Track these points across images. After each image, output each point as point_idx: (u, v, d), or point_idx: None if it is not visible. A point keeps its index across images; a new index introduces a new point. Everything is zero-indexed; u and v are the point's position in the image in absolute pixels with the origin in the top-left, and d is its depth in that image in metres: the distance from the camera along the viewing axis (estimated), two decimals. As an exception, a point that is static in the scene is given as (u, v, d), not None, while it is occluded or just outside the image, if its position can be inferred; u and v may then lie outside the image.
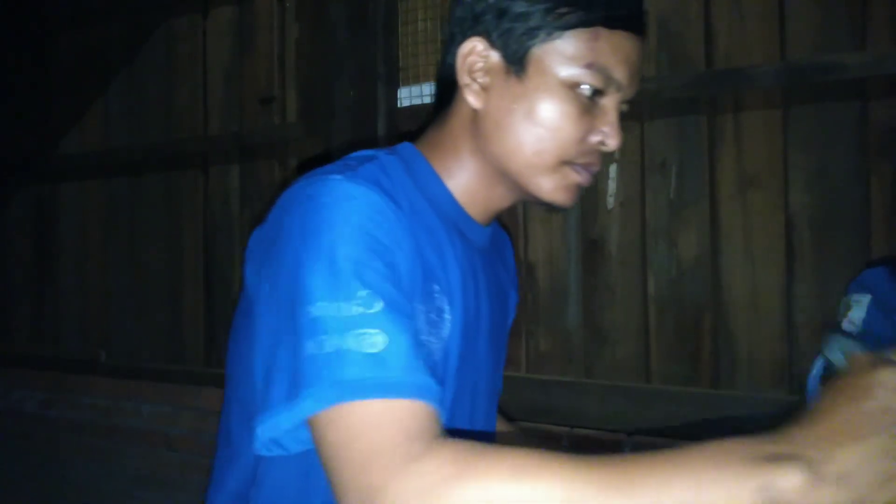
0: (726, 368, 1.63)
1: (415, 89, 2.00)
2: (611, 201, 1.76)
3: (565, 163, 0.73)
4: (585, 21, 0.69)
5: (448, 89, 0.78)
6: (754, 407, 1.55)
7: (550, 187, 0.74)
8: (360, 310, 0.59)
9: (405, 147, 0.79)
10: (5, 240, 2.92)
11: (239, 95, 2.36)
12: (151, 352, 2.52)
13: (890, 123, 1.49)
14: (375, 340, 0.58)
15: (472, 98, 0.74)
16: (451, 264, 0.74)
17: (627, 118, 1.72)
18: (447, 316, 0.72)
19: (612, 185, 1.75)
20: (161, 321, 2.50)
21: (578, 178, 0.74)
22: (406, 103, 2.00)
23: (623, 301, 1.74)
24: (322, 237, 0.62)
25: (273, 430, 0.59)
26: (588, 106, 0.71)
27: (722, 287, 1.63)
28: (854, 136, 1.52)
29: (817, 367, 1.12)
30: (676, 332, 1.68)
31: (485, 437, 0.86)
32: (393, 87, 2.01)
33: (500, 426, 1.02)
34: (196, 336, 2.43)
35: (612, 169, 1.76)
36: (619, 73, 0.71)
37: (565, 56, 0.70)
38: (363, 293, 0.60)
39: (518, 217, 1.88)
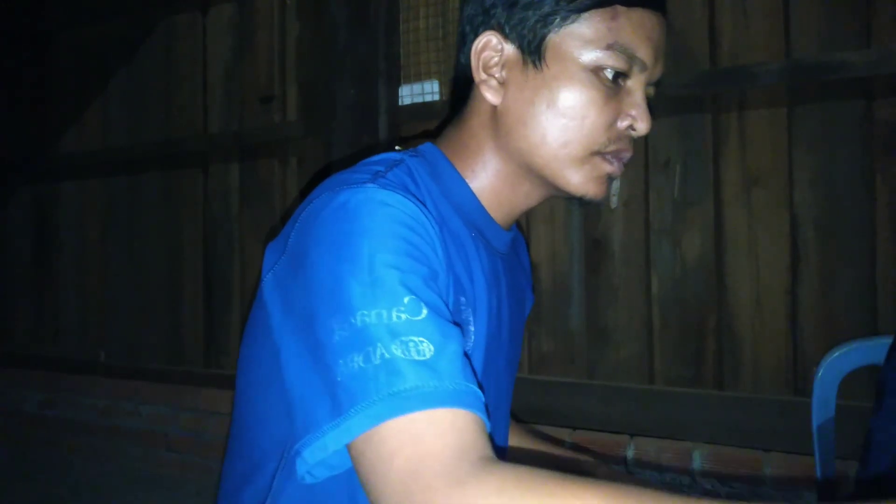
0: (730, 369, 1.62)
1: (416, 87, 1.99)
2: (614, 200, 1.75)
3: (595, 153, 0.69)
4: (601, 1, 0.66)
5: (464, 89, 0.75)
6: (758, 408, 1.54)
7: (580, 180, 0.70)
8: (406, 317, 0.56)
9: (428, 149, 0.75)
10: (5, 239, 2.92)
11: (239, 94, 2.35)
12: (151, 352, 2.51)
13: (894, 122, 1.48)
14: (422, 348, 0.55)
15: (490, 95, 0.71)
16: (476, 275, 0.71)
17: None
18: (471, 328, 0.69)
19: (615, 185, 1.73)
20: (160, 322, 2.49)
21: (610, 167, 0.70)
22: (407, 101, 1.99)
23: (626, 301, 1.73)
24: (360, 245, 0.59)
25: (321, 452, 0.56)
26: (613, 90, 0.68)
27: (726, 287, 1.62)
28: (859, 134, 1.51)
29: (823, 370, 1.11)
30: (680, 332, 1.67)
31: (503, 444, 0.84)
32: (394, 85, 2.00)
33: (522, 436, 0.99)
34: (195, 336, 2.42)
35: (615, 168, 1.75)
36: (643, 52, 0.67)
37: (584, 39, 0.66)
38: (408, 299, 0.57)
39: (521, 217, 1.86)
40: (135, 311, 2.56)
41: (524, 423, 1.04)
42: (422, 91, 1.98)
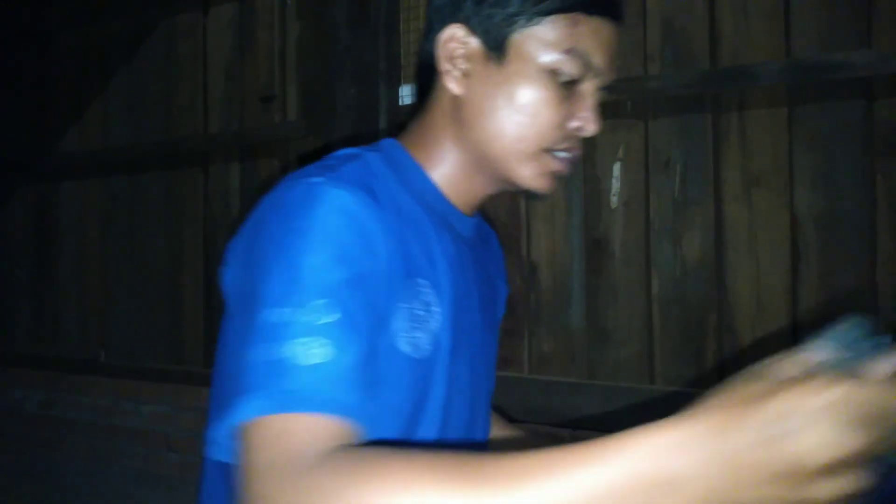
0: (731, 369, 1.61)
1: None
2: (615, 200, 1.75)
3: (545, 150, 0.74)
4: (564, 7, 0.70)
5: (428, 78, 0.78)
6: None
7: (529, 174, 0.74)
8: (312, 318, 0.59)
9: (388, 143, 0.79)
10: (5, 238, 2.92)
11: (239, 93, 2.35)
12: (151, 352, 2.51)
13: (895, 122, 1.48)
14: (319, 352, 0.58)
15: (452, 84, 0.75)
16: (438, 257, 0.75)
17: (631, 116, 1.73)
18: (436, 309, 0.72)
19: (615, 184, 1.74)
20: (161, 321, 2.49)
21: (557, 165, 0.75)
22: (407, 101, 1.99)
23: (627, 301, 1.73)
24: (291, 243, 0.62)
25: (215, 432, 0.60)
26: (567, 92, 0.72)
27: (727, 287, 1.62)
28: (860, 134, 1.51)
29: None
30: (681, 332, 1.67)
31: (484, 435, 0.85)
32: (394, 84, 2.00)
33: (502, 428, 1.01)
34: (196, 336, 2.42)
35: (616, 168, 1.74)
36: (598, 59, 0.73)
37: (545, 42, 0.71)
38: (319, 302, 0.60)
39: (521, 216, 1.86)
40: (135, 310, 2.56)
41: (515, 422, 1.05)
42: (422, 91, 1.98)
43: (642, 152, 1.72)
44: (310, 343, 0.58)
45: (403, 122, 0.82)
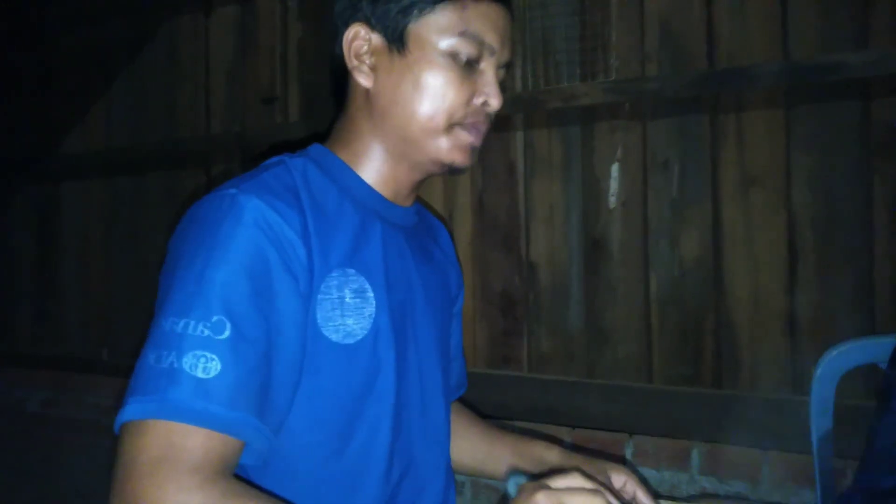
0: (728, 368, 1.63)
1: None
2: (613, 201, 1.76)
3: (455, 124, 0.79)
4: None
5: (341, 81, 0.84)
6: (756, 407, 1.55)
7: (446, 150, 0.80)
8: (207, 332, 0.64)
9: (314, 147, 0.85)
10: (8, 239, 2.93)
11: (241, 95, 2.36)
12: (153, 351, 2.51)
13: (892, 123, 1.49)
14: (209, 366, 0.63)
15: (362, 79, 0.80)
16: (369, 246, 0.79)
17: (629, 117, 1.74)
18: (370, 294, 0.77)
19: (613, 185, 1.75)
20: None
21: (469, 137, 0.80)
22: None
23: (625, 301, 1.74)
24: (198, 256, 0.67)
25: (115, 427, 0.66)
26: (468, 71, 0.78)
27: (724, 287, 1.63)
28: (856, 135, 1.52)
29: (821, 369, 1.11)
30: (678, 332, 1.68)
31: (440, 424, 0.89)
32: (395, 86, 2.00)
33: (472, 425, 1.03)
34: (198, 335, 2.42)
35: (614, 168, 1.75)
36: (490, 38, 0.78)
37: (439, 27, 0.77)
38: (215, 318, 0.64)
39: (520, 216, 1.88)
40: (137, 309, 2.57)
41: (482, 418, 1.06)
42: (422, 92, 1.99)
43: (640, 153, 1.73)
44: (200, 356, 0.63)
45: (328, 128, 0.87)
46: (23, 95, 2.89)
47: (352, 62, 0.80)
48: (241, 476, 0.71)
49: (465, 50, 0.77)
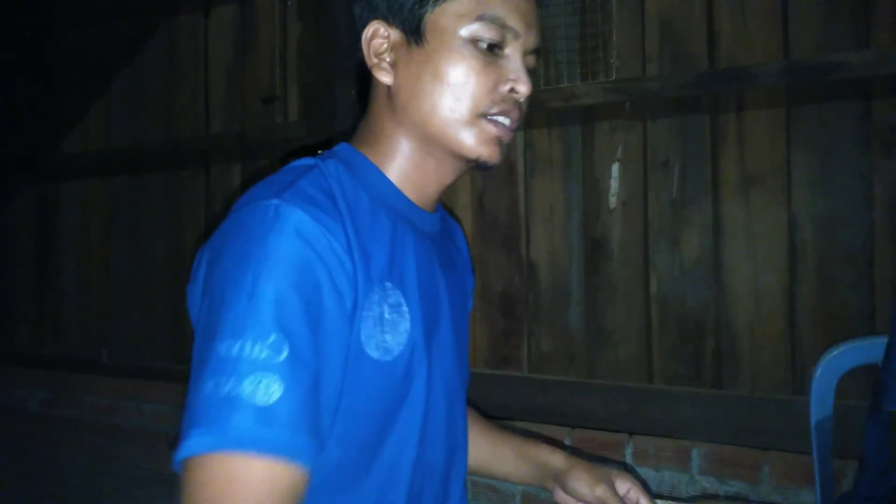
0: (728, 368, 1.62)
1: (416, 88, 1.99)
2: (613, 200, 1.76)
3: (480, 115, 0.75)
4: None
5: (364, 81, 0.81)
6: (756, 407, 1.54)
7: (473, 142, 0.76)
8: (266, 354, 0.60)
9: (342, 148, 0.81)
10: (7, 239, 2.93)
11: (241, 95, 2.36)
12: (153, 351, 2.52)
13: (893, 122, 1.49)
14: (271, 390, 0.59)
15: (383, 76, 0.77)
16: (403, 257, 0.76)
17: (629, 117, 1.73)
18: (405, 308, 0.75)
19: (614, 185, 1.75)
20: (162, 320, 2.50)
21: (496, 130, 0.76)
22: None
23: (625, 301, 1.73)
24: (246, 270, 0.63)
25: (174, 465, 0.61)
26: (491, 58, 0.75)
27: (724, 286, 1.63)
28: (857, 135, 1.52)
29: (821, 369, 1.12)
30: (678, 331, 1.68)
31: (462, 432, 0.87)
32: (395, 86, 2.00)
33: (475, 423, 1.01)
34: (197, 335, 2.42)
35: (615, 168, 1.75)
36: (513, 21, 0.74)
37: (457, 14, 0.74)
38: (273, 337, 0.61)
39: (520, 216, 1.87)
40: (137, 310, 2.57)
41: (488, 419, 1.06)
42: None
43: (641, 153, 1.72)
44: (260, 380, 0.59)
45: (354, 126, 0.84)
46: (22, 95, 2.89)
47: (371, 60, 0.78)
48: None
49: (487, 34, 0.73)
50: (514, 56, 0.76)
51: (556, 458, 0.92)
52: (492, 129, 0.76)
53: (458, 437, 0.86)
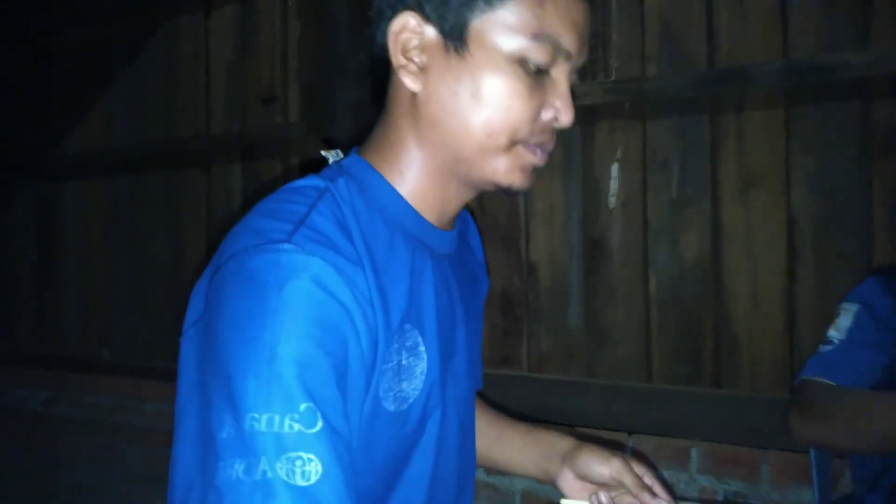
0: (727, 368, 1.63)
1: (417, 88, 1.99)
2: (612, 201, 1.76)
3: (518, 142, 0.67)
4: None
5: (383, 74, 0.70)
6: (755, 407, 1.55)
7: (505, 169, 0.67)
8: (298, 427, 0.53)
9: (353, 162, 0.71)
10: (8, 239, 2.93)
11: (241, 94, 2.36)
12: (154, 350, 2.52)
13: (892, 123, 1.49)
14: (308, 469, 0.52)
15: (409, 80, 0.67)
16: (421, 291, 0.69)
17: (629, 117, 1.74)
18: (422, 349, 0.68)
19: (613, 185, 1.75)
20: (163, 320, 2.50)
21: (533, 158, 0.68)
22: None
23: (624, 301, 1.74)
24: (263, 329, 0.55)
25: None
26: (537, 80, 0.66)
27: (723, 287, 1.63)
28: (856, 135, 1.52)
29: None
30: (678, 331, 1.68)
31: (472, 458, 0.83)
32: (395, 86, 2.00)
33: (481, 413, 0.97)
34: (198, 335, 2.43)
35: (614, 168, 1.76)
36: (568, 42, 0.65)
37: (509, 27, 0.63)
38: (304, 406, 0.53)
39: (520, 216, 1.88)
40: (137, 309, 2.57)
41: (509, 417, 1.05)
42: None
43: (640, 153, 1.73)
44: (296, 458, 0.52)
45: (368, 127, 0.76)
46: (22, 95, 2.89)
47: (398, 59, 0.66)
48: None
49: (538, 56, 0.64)
50: (560, 80, 0.67)
51: (565, 440, 0.86)
52: (528, 157, 0.68)
53: (471, 462, 0.81)
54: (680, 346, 1.68)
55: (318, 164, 0.74)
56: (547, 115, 0.67)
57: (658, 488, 0.80)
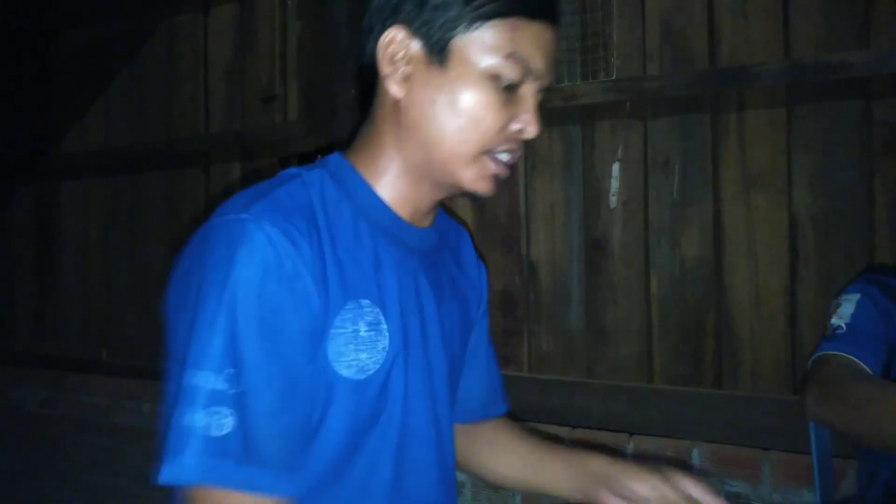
0: (729, 368, 1.62)
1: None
2: (613, 200, 1.75)
3: (485, 153, 0.74)
4: (505, 12, 0.71)
5: (370, 82, 0.78)
6: (757, 407, 1.54)
7: (472, 177, 0.75)
8: (223, 386, 0.63)
9: (333, 158, 0.79)
10: (7, 238, 2.92)
11: (240, 94, 2.35)
12: (152, 350, 2.50)
13: (894, 122, 1.49)
14: (225, 422, 0.62)
15: (394, 87, 0.74)
16: (385, 274, 0.75)
17: (630, 116, 1.73)
18: (384, 326, 0.74)
19: (614, 184, 1.75)
20: (162, 320, 2.49)
21: (498, 168, 0.75)
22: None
23: (625, 301, 1.73)
24: (210, 296, 0.65)
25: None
26: (507, 95, 0.73)
27: (725, 287, 1.63)
28: (858, 135, 1.51)
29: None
30: (679, 331, 1.67)
31: (451, 456, 0.85)
32: (395, 85, 2.00)
33: (522, 439, 0.99)
34: (197, 335, 2.42)
35: (615, 168, 1.75)
36: (537, 63, 0.73)
37: (486, 46, 0.71)
38: (230, 371, 0.63)
39: (520, 216, 1.87)
40: (136, 309, 2.56)
41: (520, 422, 1.05)
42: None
43: (641, 152, 1.72)
44: (215, 412, 0.62)
45: (353, 132, 0.82)
46: (21, 95, 2.88)
47: (385, 68, 0.74)
48: None
49: (509, 73, 0.71)
50: (528, 96, 0.74)
51: (602, 462, 0.87)
52: (491, 167, 0.75)
53: (450, 460, 0.84)
54: (681, 347, 1.67)
55: (309, 161, 0.81)
56: (515, 127, 0.74)
57: (710, 500, 0.79)
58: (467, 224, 1.93)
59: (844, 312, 1.12)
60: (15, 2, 2.76)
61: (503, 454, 0.97)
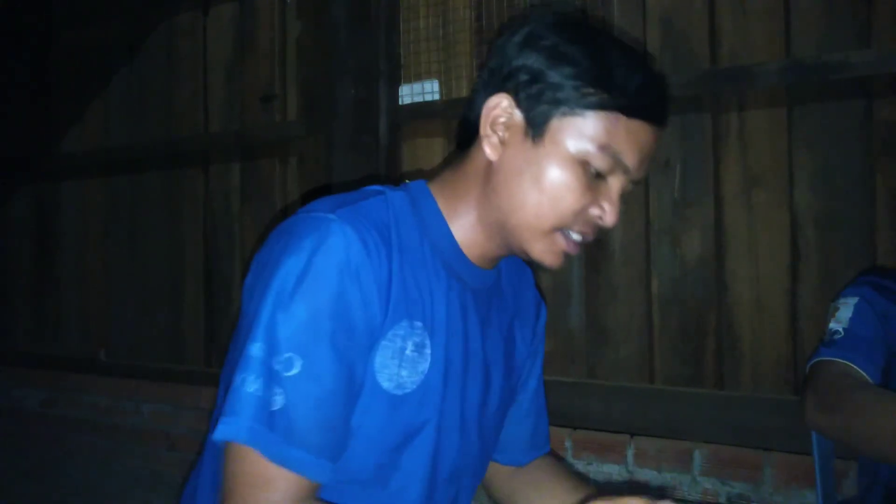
0: (730, 369, 1.62)
1: (416, 87, 1.99)
2: (614, 200, 1.75)
3: (559, 230, 0.77)
4: (608, 105, 0.73)
5: (469, 132, 0.82)
6: (758, 408, 1.54)
7: (540, 249, 0.78)
8: (278, 368, 0.68)
9: (417, 185, 0.83)
10: (6, 238, 2.92)
11: (240, 93, 2.35)
12: (152, 351, 2.51)
13: (895, 122, 1.48)
14: (276, 399, 0.67)
15: (489, 149, 0.78)
16: (438, 301, 0.79)
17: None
18: (427, 351, 0.77)
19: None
20: (161, 320, 2.49)
21: (568, 246, 0.78)
22: (407, 101, 1.99)
23: (626, 300, 1.73)
24: (285, 282, 0.69)
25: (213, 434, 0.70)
26: (593, 182, 0.75)
27: (726, 287, 1.62)
28: (859, 134, 1.51)
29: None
30: (680, 332, 1.67)
31: (473, 471, 0.88)
32: (394, 84, 2.00)
33: (562, 479, 0.99)
34: (196, 335, 2.42)
35: (615, 168, 1.75)
36: (629, 159, 0.74)
37: (582, 133, 0.73)
38: (286, 355, 0.68)
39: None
40: (136, 309, 2.56)
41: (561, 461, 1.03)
42: (422, 90, 1.98)
43: (642, 152, 1.72)
44: (272, 390, 0.67)
45: (441, 164, 0.84)
46: (20, 94, 2.88)
47: (485, 129, 0.78)
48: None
49: (599, 163, 0.74)
50: (614, 186, 0.76)
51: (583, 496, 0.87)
52: (562, 244, 0.77)
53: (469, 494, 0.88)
54: (682, 347, 1.67)
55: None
56: (594, 212, 0.76)
57: None
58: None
59: (842, 317, 1.12)
60: (15, 2, 2.76)
61: (544, 495, 0.97)
